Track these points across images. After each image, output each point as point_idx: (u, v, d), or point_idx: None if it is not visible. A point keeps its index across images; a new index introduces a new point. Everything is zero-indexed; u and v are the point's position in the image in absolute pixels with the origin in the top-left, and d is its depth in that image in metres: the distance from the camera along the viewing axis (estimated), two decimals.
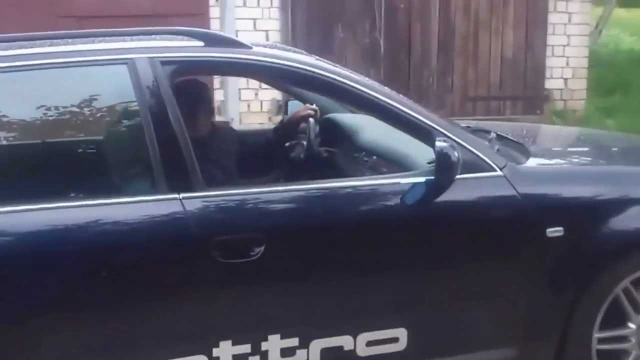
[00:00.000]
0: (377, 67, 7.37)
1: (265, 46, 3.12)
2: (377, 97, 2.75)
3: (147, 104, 2.59)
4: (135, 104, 2.61)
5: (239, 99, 6.76)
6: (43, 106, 2.71)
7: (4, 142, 2.73)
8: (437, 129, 2.72)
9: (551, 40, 7.81)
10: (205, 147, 3.21)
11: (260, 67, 2.83)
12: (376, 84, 2.88)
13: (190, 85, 3.27)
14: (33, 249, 2.41)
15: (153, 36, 2.93)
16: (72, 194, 2.61)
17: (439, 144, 2.56)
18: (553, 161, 3.32)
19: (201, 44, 2.78)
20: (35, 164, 2.74)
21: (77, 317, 2.46)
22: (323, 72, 2.77)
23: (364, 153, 3.32)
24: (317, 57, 3.05)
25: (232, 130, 3.89)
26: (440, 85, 7.68)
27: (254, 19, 6.60)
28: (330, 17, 7.22)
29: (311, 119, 3.52)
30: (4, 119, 2.70)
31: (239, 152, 3.58)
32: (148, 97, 2.59)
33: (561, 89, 7.96)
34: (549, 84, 7.89)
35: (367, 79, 2.93)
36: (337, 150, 3.46)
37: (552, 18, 7.77)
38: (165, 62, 2.64)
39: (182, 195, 2.52)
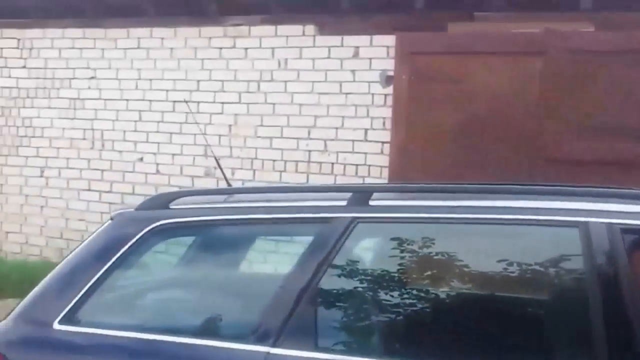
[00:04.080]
0: None
1: None
2: None
3: (598, 275, 2.35)
4: (583, 273, 2.42)
5: None
6: (479, 261, 2.65)
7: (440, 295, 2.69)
8: None
9: None
10: None
11: None
12: None
13: None
14: None
15: (612, 198, 2.63)
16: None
17: None
18: None
19: None
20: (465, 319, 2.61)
21: None
22: None
23: None
24: None
25: None
26: None
27: None
28: None
29: None
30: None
31: None
32: (600, 267, 2.35)
33: None
34: None
35: None
36: None
37: None
38: (627, 230, 2.38)
39: None
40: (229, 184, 3.59)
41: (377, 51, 6.63)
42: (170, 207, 2.75)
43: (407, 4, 6.44)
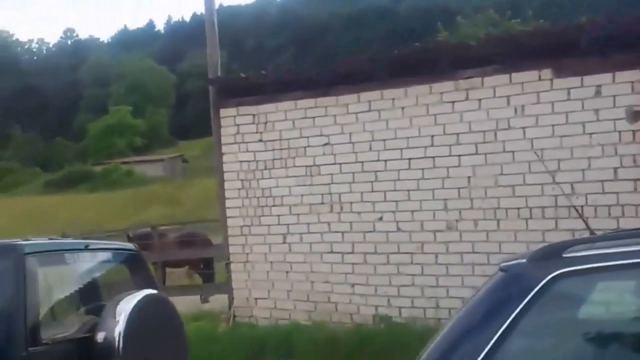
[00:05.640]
0: None
1: None
2: None
3: None
4: None
5: None
6: None
7: None
8: None
9: None
10: None
11: None
12: None
13: None
14: None
15: None
16: None
17: None
18: None
19: None
20: None
21: None
22: None
23: None
24: None
25: None
26: None
27: None
28: None
29: None
30: None
31: None
32: None
33: None
34: None
35: None
36: None
37: None
38: None
39: None
40: (592, 232, 3.38)
41: (621, 88, 6.46)
42: (564, 255, 2.65)
43: None
